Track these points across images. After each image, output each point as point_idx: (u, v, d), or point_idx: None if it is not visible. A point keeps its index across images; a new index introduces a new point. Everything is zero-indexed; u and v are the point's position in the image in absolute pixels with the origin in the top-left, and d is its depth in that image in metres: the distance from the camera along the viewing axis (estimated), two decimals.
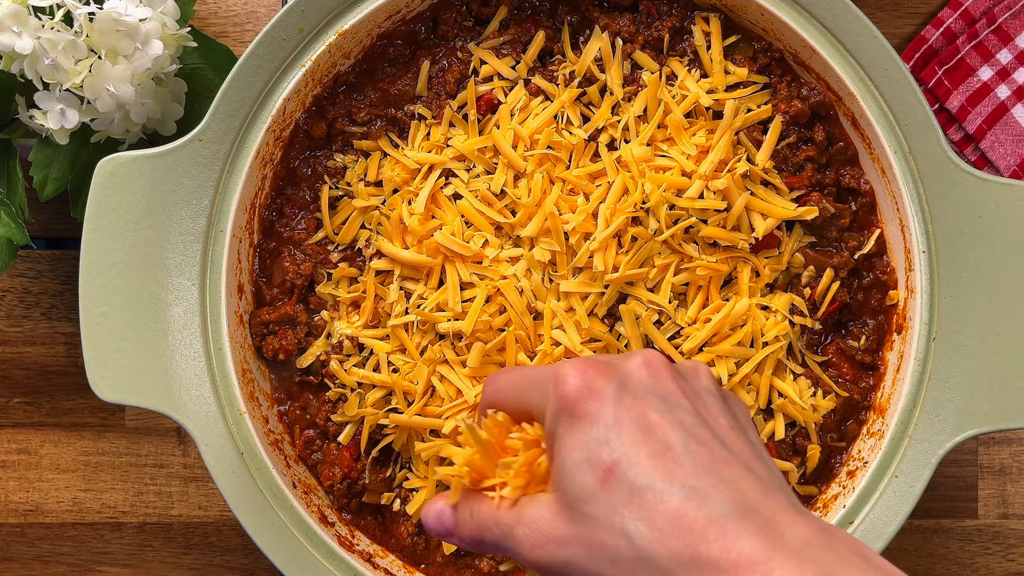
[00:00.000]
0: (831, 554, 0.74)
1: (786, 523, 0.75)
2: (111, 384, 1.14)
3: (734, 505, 0.75)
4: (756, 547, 0.73)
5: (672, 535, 0.75)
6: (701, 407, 0.83)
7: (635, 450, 0.78)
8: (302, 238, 1.23)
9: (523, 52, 1.22)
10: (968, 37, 1.35)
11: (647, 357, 0.84)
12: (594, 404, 0.80)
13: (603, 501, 0.78)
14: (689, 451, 0.78)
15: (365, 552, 1.21)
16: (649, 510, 0.76)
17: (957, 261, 1.16)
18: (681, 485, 0.76)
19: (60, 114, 1.19)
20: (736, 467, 0.78)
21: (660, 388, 0.82)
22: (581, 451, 0.80)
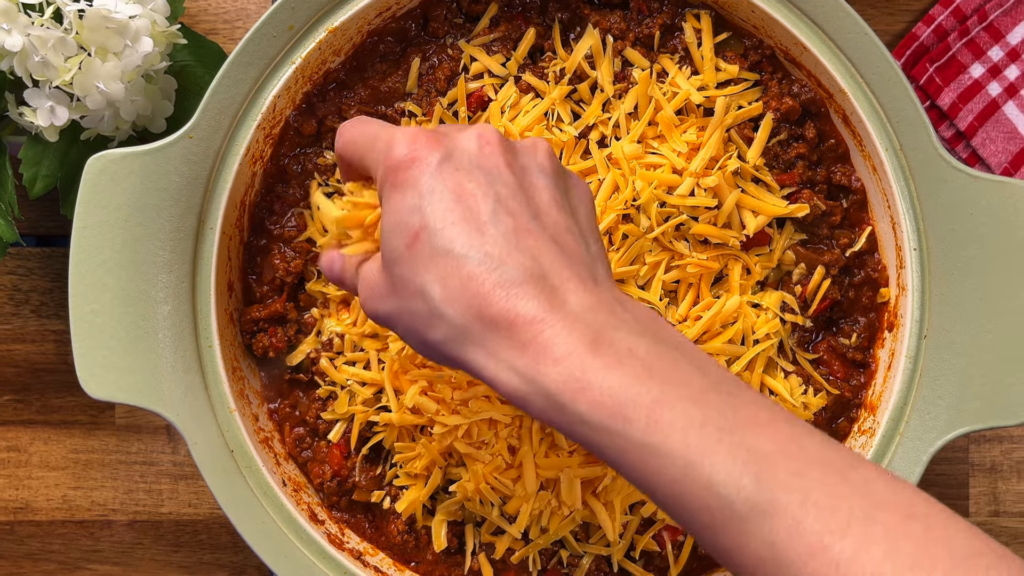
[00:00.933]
0: (611, 318, 0.81)
1: (574, 291, 0.82)
2: (101, 382, 1.14)
3: (525, 272, 0.81)
4: (534, 308, 0.80)
5: (462, 296, 0.82)
6: (526, 182, 0.87)
7: (443, 216, 0.83)
8: (292, 235, 1.23)
9: (513, 49, 1.22)
10: (959, 34, 1.35)
11: (481, 131, 0.88)
12: (414, 172, 0.85)
13: (408, 263, 0.84)
14: (496, 220, 0.83)
15: (355, 550, 1.22)
16: (445, 273, 0.82)
17: (948, 259, 1.16)
18: (479, 251, 0.81)
19: (50, 111, 1.19)
20: (540, 238, 0.84)
21: (486, 161, 0.86)
22: (396, 215, 0.85)
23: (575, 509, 1.18)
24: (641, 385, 0.77)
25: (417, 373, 1.16)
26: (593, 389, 0.77)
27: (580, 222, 0.89)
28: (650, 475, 0.77)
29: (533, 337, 0.79)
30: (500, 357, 0.81)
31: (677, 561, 1.22)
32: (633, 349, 0.79)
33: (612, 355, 0.78)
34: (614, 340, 0.79)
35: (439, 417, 1.16)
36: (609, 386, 0.77)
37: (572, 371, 0.78)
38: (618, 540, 1.19)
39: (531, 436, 1.16)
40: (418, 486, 1.20)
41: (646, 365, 0.78)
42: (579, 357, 0.78)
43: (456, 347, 0.84)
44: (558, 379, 0.78)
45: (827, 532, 0.73)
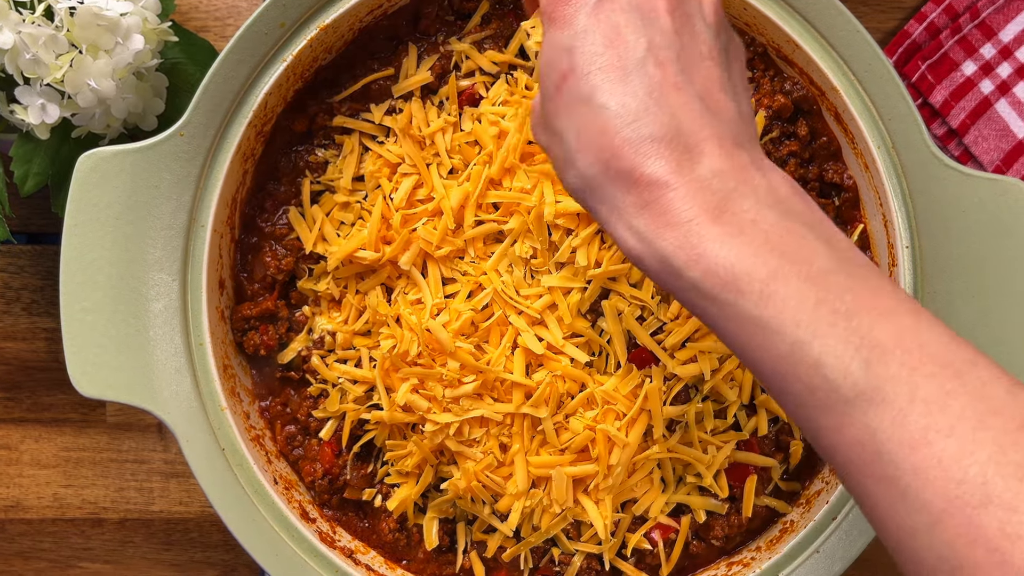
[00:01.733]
0: (741, 186, 0.79)
1: (709, 153, 0.80)
2: (92, 380, 1.15)
3: (659, 129, 0.79)
4: (660, 169, 0.78)
5: (594, 147, 0.81)
6: (685, 30, 0.84)
7: (590, 60, 0.82)
8: (283, 233, 1.24)
9: (505, 46, 1.23)
10: (952, 32, 1.36)
11: None
12: (571, 8, 0.84)
13: (555, 104, 0.84)
14: (643, 70, 0.81)
15: (347, 548, 1.22)
16: (583, 120, 0.81)
17: (941, 256, 1.17)
18: (617, 102, 0.80)
19: (41, 109, 1.20)
20: (686, 94, 0.81)
21: (646, 3, 0.83)
22: (549, 52, 0.85)
23: (566, 507, 1.18)
24: (758, 257, 0.76)
25: (408, 371, 1.17)
26: (708, 257, 0.77)
27: (733, 77, 0.87)
28: (757, 349, 0.77)
29: (655, 198, 0.78)
30: (621, 214, 0.80)
31: (669, 559, 1.22)
32: (757, 220, 0.78)
33: (733, 224, 0.77)
34: (739, 209, 0.78)
35: (430, 415, 1.17)
36: (725, 256, 0.76)
37: (689, 237, 0.77)
38: (609, 538, 1.20)
39: (522, 434, 1.17)
40: (409, 484, 1.21)
41: (768, 238, 0.77)
42: (698, 224, 0.77)
43: (585, 196, 0.84)
44: (674, 243, 0.78)
45: (932, 428, 0.71)
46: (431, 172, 1.20)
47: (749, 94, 0.88)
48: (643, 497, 1.20)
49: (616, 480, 1.18)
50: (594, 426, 1.17)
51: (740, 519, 1.22)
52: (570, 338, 1.18)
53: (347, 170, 1.22)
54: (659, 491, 1.21)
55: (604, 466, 1.17)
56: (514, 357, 1.17)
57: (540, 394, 1.15)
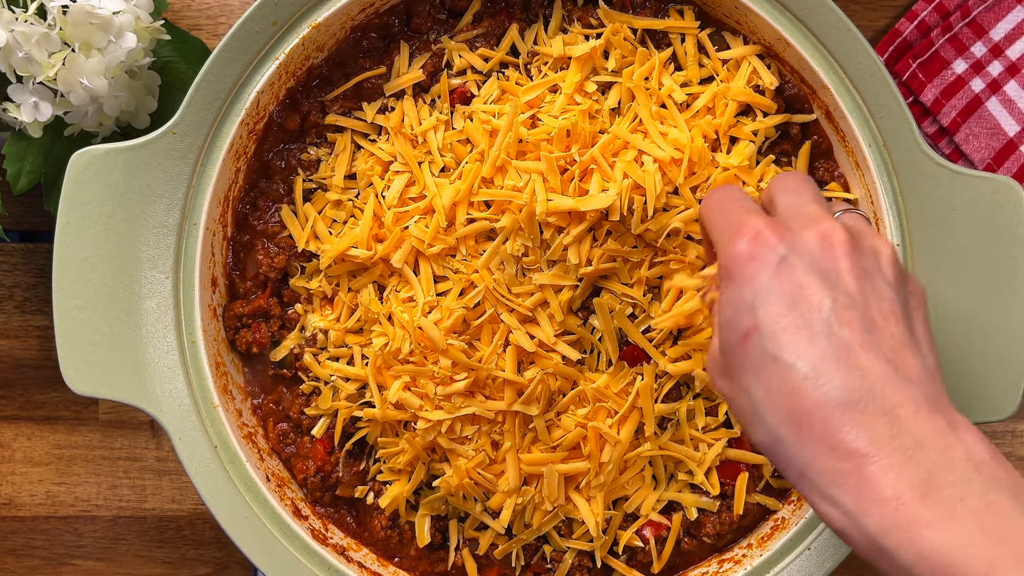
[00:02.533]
0: (943, 457, 0.77)
1: (908, 419, 0.78)
2: (85, 377, 1.15)
3: (852, 393, 0.78)
4: (859, 438, 0.77)
5: (782, 407, 0.81)
6: (867, 289, 0.85)
7: (775, 320, 0.82)
8: (276, 231, 1.25)
9: (497, 45, 1.24)
10: (942, 30, 1.36)
11: (826, 230, 0.86)
12: (752, 268, 0.85)
13: (738, 359, 0.84)
14: (830, 331, 0.81)
15: (339, 545, 1.23)
16: (770, 379, 0.82)
17: (931, 254, 1.17)
18: (807, 363, 0.80)
19: (33, 107, 1.20)
20: (874, 355, 0.81)
21: (827, 263, 0.84)
22: (730, 309, 0.86)
23: (558, 505, 1.19)
24: (974, 546, 0.73)
25: (400, 369, 1.17)
26: (922, 542, 0.75)
27: (917, 333, 0.87)
28: None
29: (855, 469, 0.77)
30: (817, 480, 0.79)
31: (660, 556, 1.23)
32: (964, 499, 0.75)
33: (942, 504, 0.75)
34: (944, 483, 0.76)
35: (422, 413, 1.17)
36: (940, 543, 0.74)
37: (898, 519, 0.75)
38: (601, 535, 1.21)
39: (514, 432, 1.18)
40: (401, 481, 1.22)
41: (980, 521, 0.74)
42: (907, 504, 0.75)
43: (774, 454, 0.83)
44: (882, 523, 0.76)
45: None
46: (423, 170, 1.20)
47: (934, 347, 0.88)
48: (634, 495, 1.21)
49: (608, 478, 1.18)
50: (585, 424, 1.17)
51: (731, 516, 1.23)
52: (561, 336, 1.18)
53: (339, 168, 1.23)
54: (650, 488, 1.21)
55: (595, 464, 1.18)
56: (506, 355, 1.17)
57: (531, 392, 1.16)
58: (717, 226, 0.93)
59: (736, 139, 1.21)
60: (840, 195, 1.22)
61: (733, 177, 1.18)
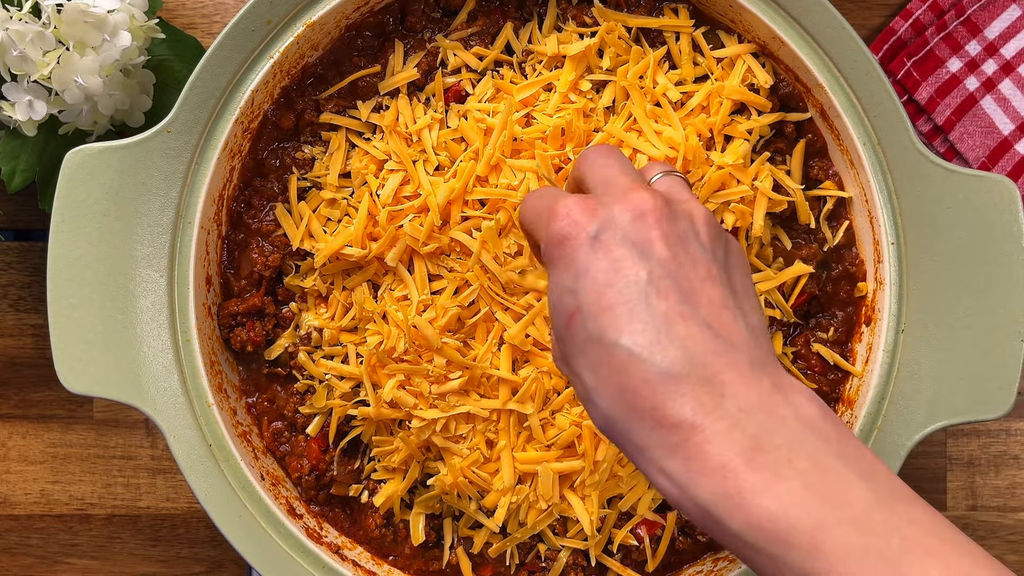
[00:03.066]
0: (769, 418, 0.77)
1: (732, 384, 0.78)
2: (79, 376, 1.15)
3: (674, 365, 0.78)
4: (684, 409, 0.77)
5: (611, 387, 0.80)
6: (681, 255, 0.84)
7: (594, 299, 0.82)
8: (270, 229, 1.25)
9: (491, 43, 1.24)
10: (937, 29, 1.36)
11: (637, 201, 0.85)
12: (568, 249, 0.84)
13: (567, 343, 0.84)
14: (647, 304, 0.80)
15: (333, 544, 1.23)
16: (596, 360, 0.81)
17: (926, 253, 1.18)
18: (628, 340, 0.80)
19: (28, 105, 1.21)
20: (692, 323, 0.80)
21: (638, 234, 0.84)
22: (554, 294, 0.85)
23: (552, 503, 1.19)
24: (801, 507, 0.74)
25: (395, 367, 1.18)
26: (748, 508, 0.74)
27: (737, 291, 0.87)
28: None
29: (683, 440, 0.77)
30: (650, 455, 0.79)
31: (655, 555, 1.23)
32: (792, 459, 0.75)
33: (770, 468, 0.75)
34: (771, 446, 0.76)
35: (417, 411, 1.18)
36: (767, 507, 0.74)
37: (726, 486, 0.75)
38: (596, 534, 1.21)
39: (509, 430, 1.18)
40: (396, 480, 1.22)
41: (806, 481, 0.74)
42: (733, 471, 0.75)
43: (611, 435, 0.83)
44: (711, 492, 0.76)
45: None
46: (417, 169, 1.21)
47: (757, 303, 0.89)
48: (629, 493, 1.21)
49: (602, 476, 1.19)
50: (580, 422, 1.18)
51: None
52: None
53: (334, 167, 1.23)
54: (645, 487, 1.21)
55: (590, 462, 1.18)
56: (500, 353, 1.18)
57: (526, 390, 1.17)
58: (535, 222, 0.92)
59: (731, 137, 1.21)
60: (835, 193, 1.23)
61: (727, 176, 1.19)
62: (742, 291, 0.87)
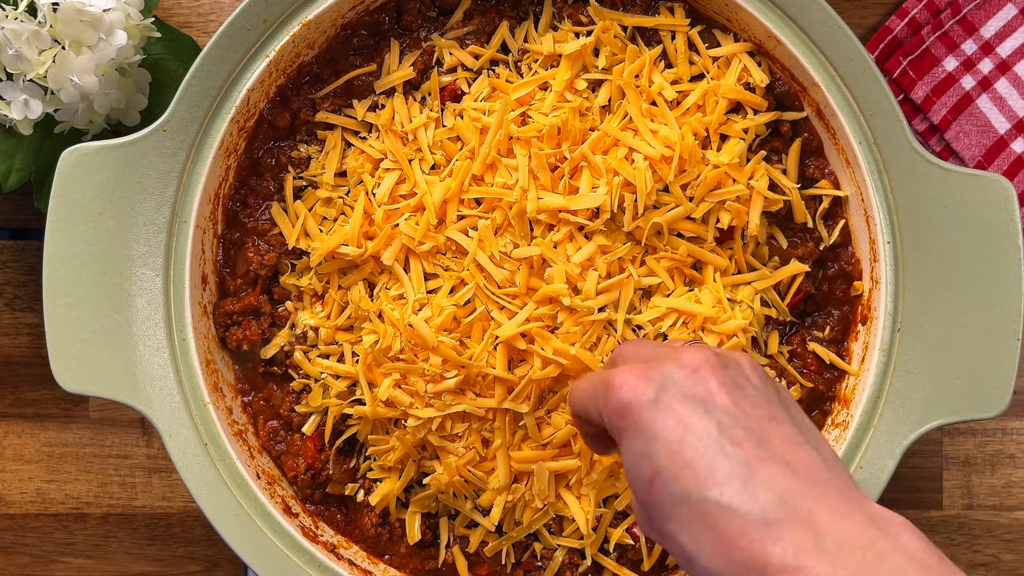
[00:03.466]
0: (868, 554, 0.76)
1: (825, 521, 0.78)
2: (75, 375, 1.16)
3: (765, 508, 0.78)
4: (786, 553, 0.76)
5: (709, 543, 0.80)
6: (742, 403, 0.86)
7: (671, 461, 0.82)
8: (266, 229, 1.25)
9: (487, 42, 1.24)
10: (933, 27, 1.37)
11: (689, 357, 0.88)
12: (634, 415, 0.85)
13: (652, 508, 0.84)
14: (725, 454, 0.81)
15: (329, 543, 1.24)
16: (687, 520, 0.81)
17: (922, 252, 1.18)
18: (716, 494, 0.80)
19: (24, 104, 1.21)
20: (773, 465, 0.81)
21: (698, 388, 0.85)
22: (629, 462, 0.86)
23: (548, 502, 1.20)
24: None
25: (390, 366, 1.18)
26: None
27: (801, 428, 0.87)
28: None
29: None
30: None
31: (650, 554, 1.24)
32: None
33: None
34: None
35: (413, 410, 1.18)
36: None
37: None
38: (591, 533, 1.22)
39: (504, 429, 1.19)
40: (392, 479, 1.22)
41: None
42: None
43: None
44: None
45: None
46: (413, 168, 1.21)
47: (820, 434, 0.89)
48: (625, 492, 1.21)
49: (600, 476, 1.19)
50: None
51: None
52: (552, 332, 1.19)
53: (329, 166, 1.23)
54: None
55: (586, 461, 1.18)
56: (496, 352, 1.18)
57: (522, 389, 1.17)
58: (589, 400, 0.94)
59: (726, 136, 1.22)
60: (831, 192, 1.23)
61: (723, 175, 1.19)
62: (803, 425, 0.88)
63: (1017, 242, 1.16)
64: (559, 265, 1.16)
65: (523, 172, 1.17)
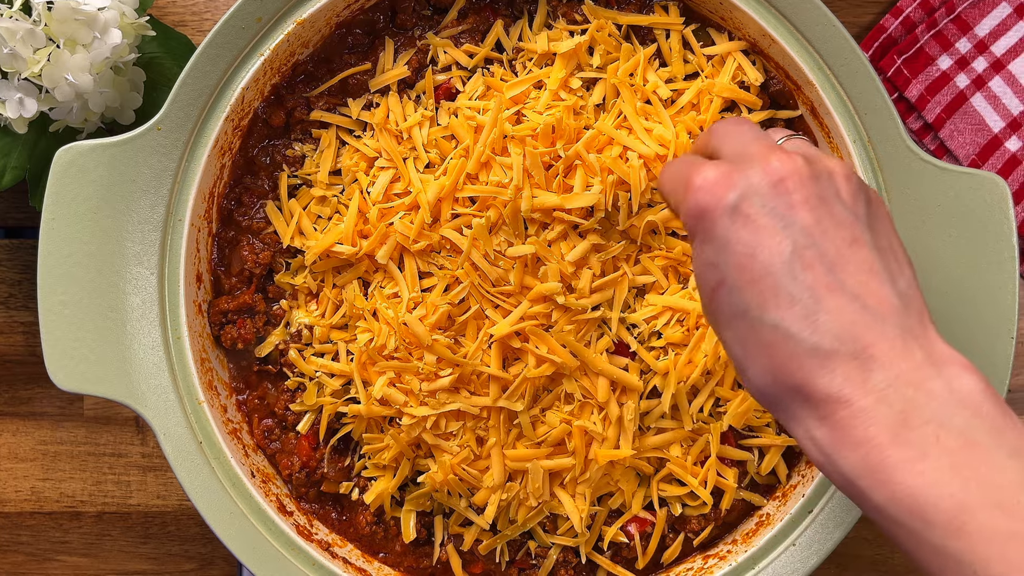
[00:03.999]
0: (918, 393, 0.77)
1: (881, 357, 0.78)
2: (69, 373, 1.16)
3: (822, 339, 0.79)
4: (833, 384, 0.78)
5: (758, 359, 0.82)
6: (825, 218, 0.83)
7: (738, 274, 0.82)
8: (261, 227, 1.26)
9: (481, 41, 1.25)
10: (927, 26, 1.37)
11: (774, 165, 0.84)
12: (708, 221, 0.84)
13: (714, 315, 0.86)
14: (793, 277, 0.81)
15: (324, 541, 1.24)
16: (743, 334, 0.83)
17: (916, 250, 1.18)
18: (774, 317, 0.80)
19: (19, 103, 1.21)
20: (840, 296, 0.80)
21: (780, 200, 0.83)
22: (698, 266, 0.86)
23: (542, 501, 1.20)
24: (945, 486, 0.74)
25: (385, 365, 1.19)
26: (892, 483, 0.75)
27: (883, 249, 0.85)
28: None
29: (831, 413, 0.78)
30: (800, 423, 0.80)
31: (645, 552, 1.24)
32: (940, 436, 0.75)
33: (915, 445, 0.75)
34: (919, 422, 0.76)
35: (407, 408, 1.19)
36: (910, 484, 0.75)
37: (870, 460, 0.76)
38: (585, 531, 1.22)
39: (499, 428, 1.19)
40: (386, 477, 1.23)
41: (953, 460, 0.75)
42: (878, 446, 0.76)
43: (763, 400, 0.83)
44: (855, 465, 0.77)
45: None
46: (408, 166, 1.22)
47: (905, 257, 0.87)
48: (618, 491, 1.22)
49: (595, 475, 1.19)
50: (570, 420, 1.19)
51: (717, 512, 1.24)
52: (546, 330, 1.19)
53: (324, 164, 1.24)
54: (635, 484, 1.22)
55: (580, 460, 1.19)
56: (490, 351, 1.19)
57: (516, 387, 1.17)
58: (672, 192, 0.93)
59: None
60: None
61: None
62: (887, 248, 0.86)
63: (1011, 241, 1.16)
64: (553, 263, 1.17)
65: (517, 171, 1.17)
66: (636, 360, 1.21)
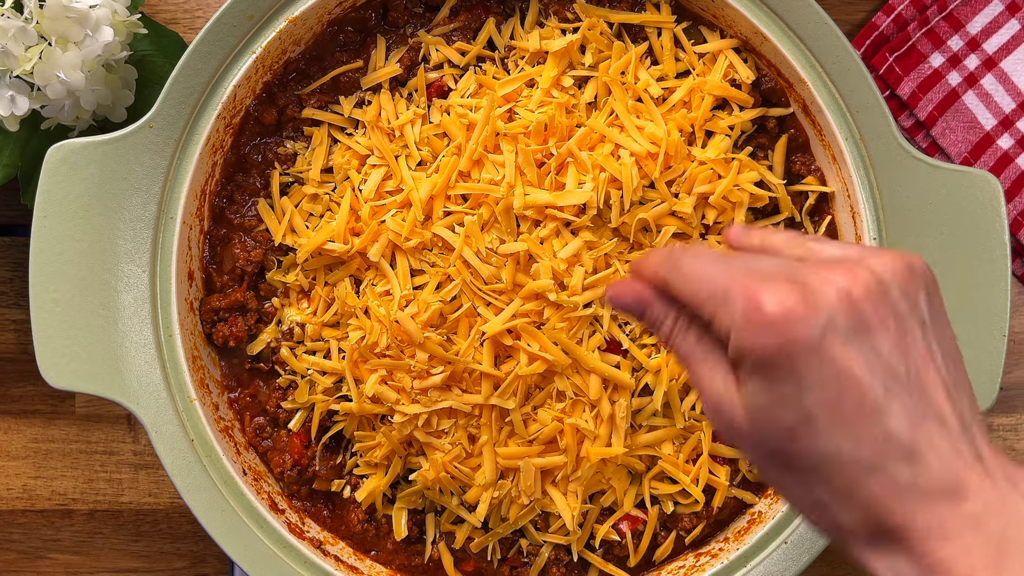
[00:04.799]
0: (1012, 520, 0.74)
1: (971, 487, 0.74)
2: (61, 371, 1.17)
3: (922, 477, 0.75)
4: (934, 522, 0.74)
5: (853, 504, 0.76)
6: (902, 337, 0.77)
7: (827, 414, 0.75)
8: (252, 225, 1.27)
9: (473, 39, 1.26)
10: (919, 24, 1.38)
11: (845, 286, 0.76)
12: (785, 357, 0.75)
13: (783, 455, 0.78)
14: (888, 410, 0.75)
15: (315, 539, 1.25)
16: (830, 475, 0.76)
17: (908, 248, 1.18)
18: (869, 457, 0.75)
19: (10, 101, 1.21)
20: (930, 424, 0.76)
21: (859, 327, 0.76)
22: (762, 402, 0.77)
23: (534, 498, 1.21)
24: None
25: (377, 363, 1.19)
26: None
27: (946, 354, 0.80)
28: None
29: (929, 551, 0.74)
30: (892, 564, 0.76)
31: (637, 550, 1.25)
32: None
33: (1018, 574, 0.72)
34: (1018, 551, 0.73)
35: (399, 406, 1.20)
36: None
37: None
38: (577, 529, 1.23)
39: (491, 425, 1.20)
40: (378, 475, 1.24)
41: None
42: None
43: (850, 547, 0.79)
44: None
45: None
46: (400, 164, 1.22)
47: (958, 352, 0.82)
48: (610, 489, 1.22)
49: (587, 473, 1.20)
50: (562, 418, 1.20)
51: (709, 510, 1.25)
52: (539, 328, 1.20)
53: (316, 162, 1.25)
54: (627, 482, 1.23)
55: (572, 458, 1.19)
56: (482, 348, 1.19)
57: (508, 385, 1.18)
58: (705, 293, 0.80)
59: (712, 133, 1.23)
60: (817, 188, 1.24)
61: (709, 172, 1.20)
62: (948, 351, 0.80)
63: (1003, 238, 1.17)
64: (545, 261, 1.18)
65: (510, 168, 1.18)
66: (628, 358, 1.21)
